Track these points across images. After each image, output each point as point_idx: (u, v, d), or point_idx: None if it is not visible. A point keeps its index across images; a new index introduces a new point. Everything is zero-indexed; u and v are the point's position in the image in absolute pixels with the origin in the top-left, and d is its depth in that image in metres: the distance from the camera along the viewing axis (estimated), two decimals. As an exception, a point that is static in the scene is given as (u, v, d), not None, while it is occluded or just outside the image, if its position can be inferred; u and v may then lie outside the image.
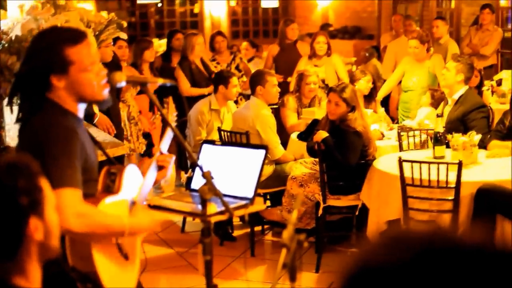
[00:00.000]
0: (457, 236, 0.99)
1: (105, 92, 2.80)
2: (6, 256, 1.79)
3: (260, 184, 3.38)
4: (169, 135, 3.15)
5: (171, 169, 3.15)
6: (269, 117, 6.36)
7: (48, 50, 2.69)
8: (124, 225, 2.66)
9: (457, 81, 5.84)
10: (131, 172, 2.92)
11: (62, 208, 2.39)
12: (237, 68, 8.37)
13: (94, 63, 2.74)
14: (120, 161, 5.43)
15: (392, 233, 1.02)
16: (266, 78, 6.39)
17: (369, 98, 6.98)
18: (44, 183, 1.88)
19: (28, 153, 1.98)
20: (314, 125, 5.92)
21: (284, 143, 6.52)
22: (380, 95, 7.46)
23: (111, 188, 2.81)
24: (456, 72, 5.83)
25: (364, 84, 6.82)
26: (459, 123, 5.67)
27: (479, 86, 7.55)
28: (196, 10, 14.04)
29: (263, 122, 6.26)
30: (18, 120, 2.77)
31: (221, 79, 6.72)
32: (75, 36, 2.72)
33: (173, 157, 3.16)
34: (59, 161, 2.54)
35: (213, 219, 3.11)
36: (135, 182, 2.94)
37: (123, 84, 2.91)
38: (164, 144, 3.13)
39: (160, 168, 3.10)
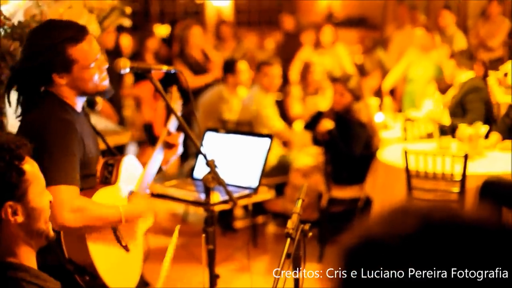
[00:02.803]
0: (459, 210, 0.98)
1: (106, 83, 2.77)
2: None
3: (264, 174, 3.34)
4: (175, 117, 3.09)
5: (181, 147, 3.11)
6: (269, 99, 6.33)
7: (51, 49, 2.62)
8: (120, 213, 2.65)
9: (460, 69, 5.84)
10: (129, 162, 2.88)
11: (58, 205, 2.40)
12: (243, 57, 8.33)
13: (96, 58, 2.70)
14: (122, 149, 5.39)
15: (392, 208, 0.99)
16: (261, 67, 6.36)
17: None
18: (31, 166, 1.87)
19: None
20: (318, 117, 5.89)
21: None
22: (386, 86, 7.41)
23: (108, 179, 2.78)
24: (458, 63, 5.83)
25: (371, 82, 6.76)
26: (459, 107, 5.63)
27: (483, 77, 7.48)
28: (197, 0, 13.94)
29: (262, 104, 6.23)
30: (18, 115, 2.73)
31: (227, 68, 6.66)
32: (77, 34, 2.67)
33: (182, 135, 3.10)
34: (55, 157, 2.51)
35: (217, 208, 3.07)
36: (134, 172, 2.90)
37: (127, 70, 2.88)
38: (172, 124, 3.09)
39: (171, 146, 3.06)
